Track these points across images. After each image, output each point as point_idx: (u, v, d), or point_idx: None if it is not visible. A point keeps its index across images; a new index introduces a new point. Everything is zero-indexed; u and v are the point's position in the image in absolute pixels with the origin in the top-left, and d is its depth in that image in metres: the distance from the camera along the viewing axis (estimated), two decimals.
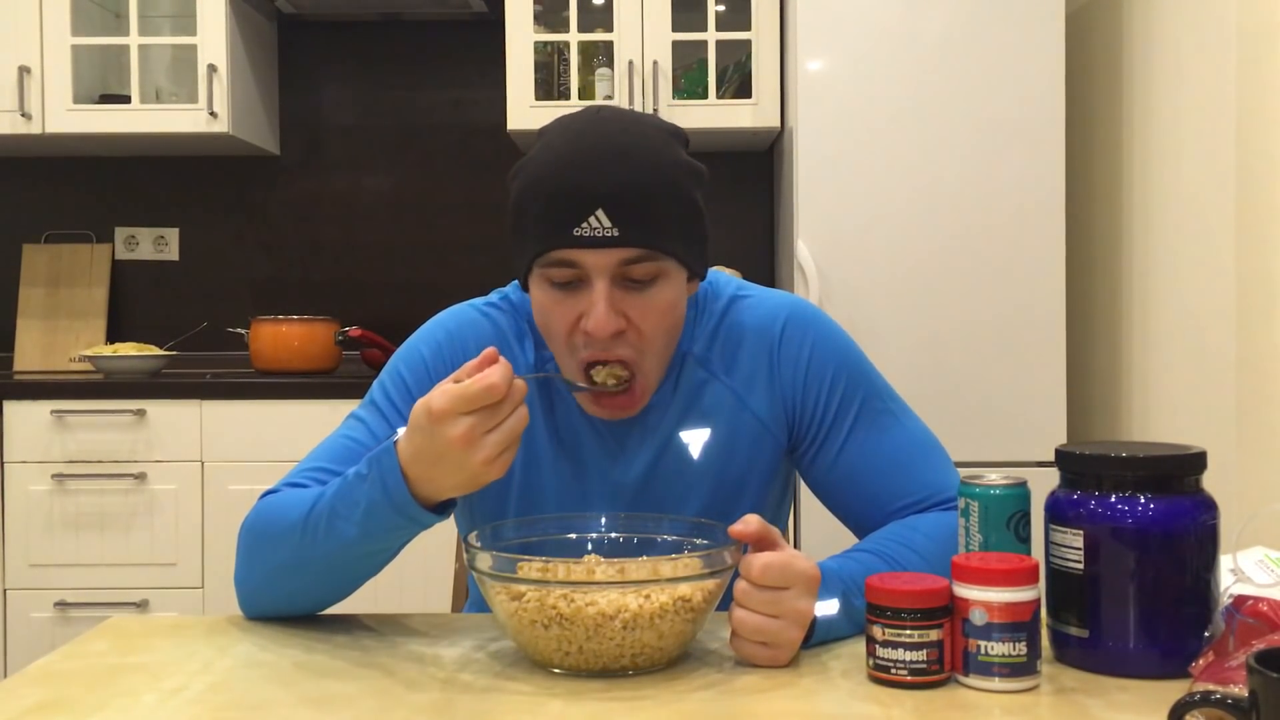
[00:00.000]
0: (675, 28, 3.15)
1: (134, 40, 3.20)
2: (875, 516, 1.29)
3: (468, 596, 1.55)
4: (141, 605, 2.93)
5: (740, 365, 1.30)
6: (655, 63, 3.12)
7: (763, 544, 1.04)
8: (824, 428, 1.30)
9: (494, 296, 1.36)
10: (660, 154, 1.15)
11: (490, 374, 1.00)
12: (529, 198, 1.15)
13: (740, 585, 1.03)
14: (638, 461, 1.29)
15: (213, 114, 3.16)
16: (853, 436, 1.29)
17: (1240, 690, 0.80)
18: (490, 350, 1.04)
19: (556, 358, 1.23)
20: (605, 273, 1.13)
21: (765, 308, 1.33)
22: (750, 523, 1.04)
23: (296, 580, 1.16)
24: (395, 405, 1.27)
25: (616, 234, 1.11)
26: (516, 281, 1.34)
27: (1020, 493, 1.06)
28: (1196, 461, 1.00)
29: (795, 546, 1.41)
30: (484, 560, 1.03)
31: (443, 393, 1.01)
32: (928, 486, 1.28)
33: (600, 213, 1.10)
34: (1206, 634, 0.97)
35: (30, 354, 3.48)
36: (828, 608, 1.07)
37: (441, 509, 1.08)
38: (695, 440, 1.29)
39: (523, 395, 1.03)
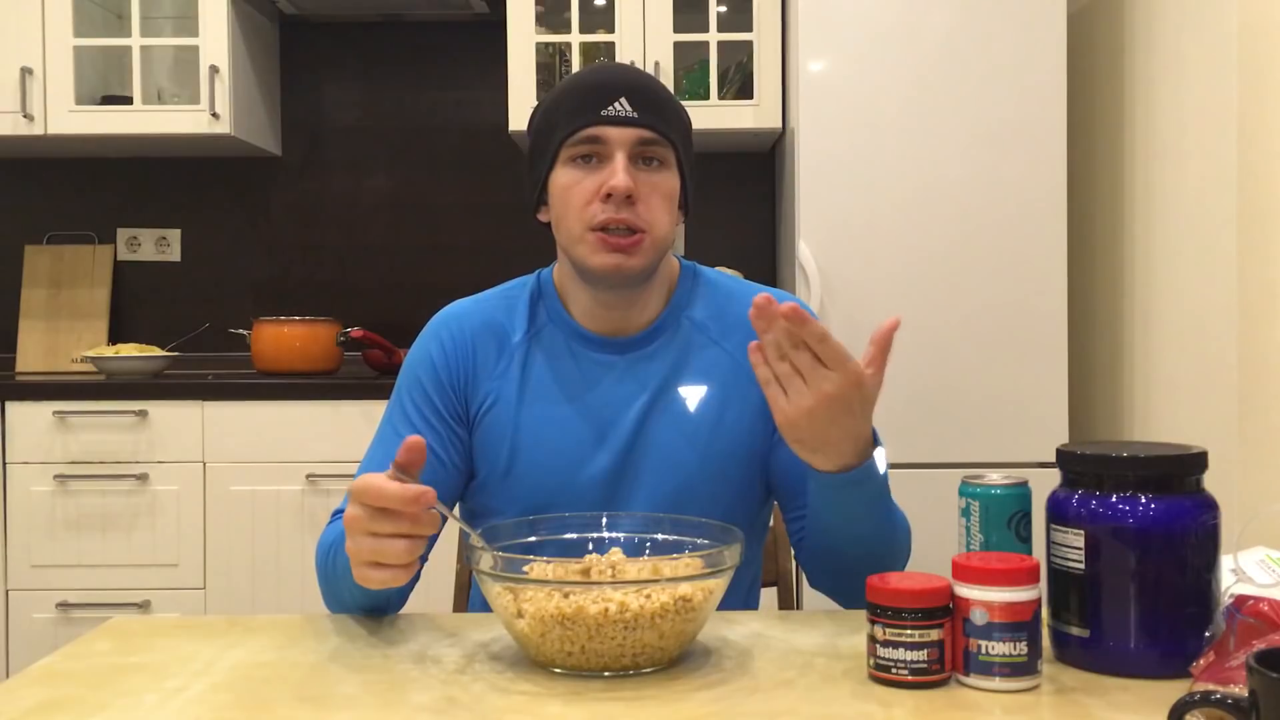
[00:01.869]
0: (677, 29, 3.15)
1: (136, 41, 3.20)
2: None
3: (469, 597, 1.56)
4: (143, 606, 2.93)
5: (739, 337, 1.40)
6: (657, 63, 3.13)
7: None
8: None
9: (478, 294, 1.49)
10: (663, 86, 1.40)
11: (388, 488, 1.00)
12: (560, 98, 1.36)
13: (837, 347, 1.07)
14: (633, 407, 1.37)
15: (214, 115, 3.16)
16: None
17: (1240, 690, 0.80)
18: (415, 440, 1.04)
19: (571, 242, 1.36)
20: (625, 146, 1.33)
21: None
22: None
23: (353, 597, 1.23)
24: (420, 409, 1.39)
25: (636, 116, 1.33)
26: (504, 284, 1.48)
27: (1021, 492, 1.06)
28: (1197, 461, 1.00)
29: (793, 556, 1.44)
30: (485, 560, 1.03)
31: (361, 481, 1.03)
32: None
33: (623, 99, 1.33)
34: (1207, 634, 0.97)
35: (32, 355, 3.49)
36: (881, 461, 1.19)
37: None
38: (693, 395, 1.38)
39: (412, 516, 1.01)
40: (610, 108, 1.32)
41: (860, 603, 1.11)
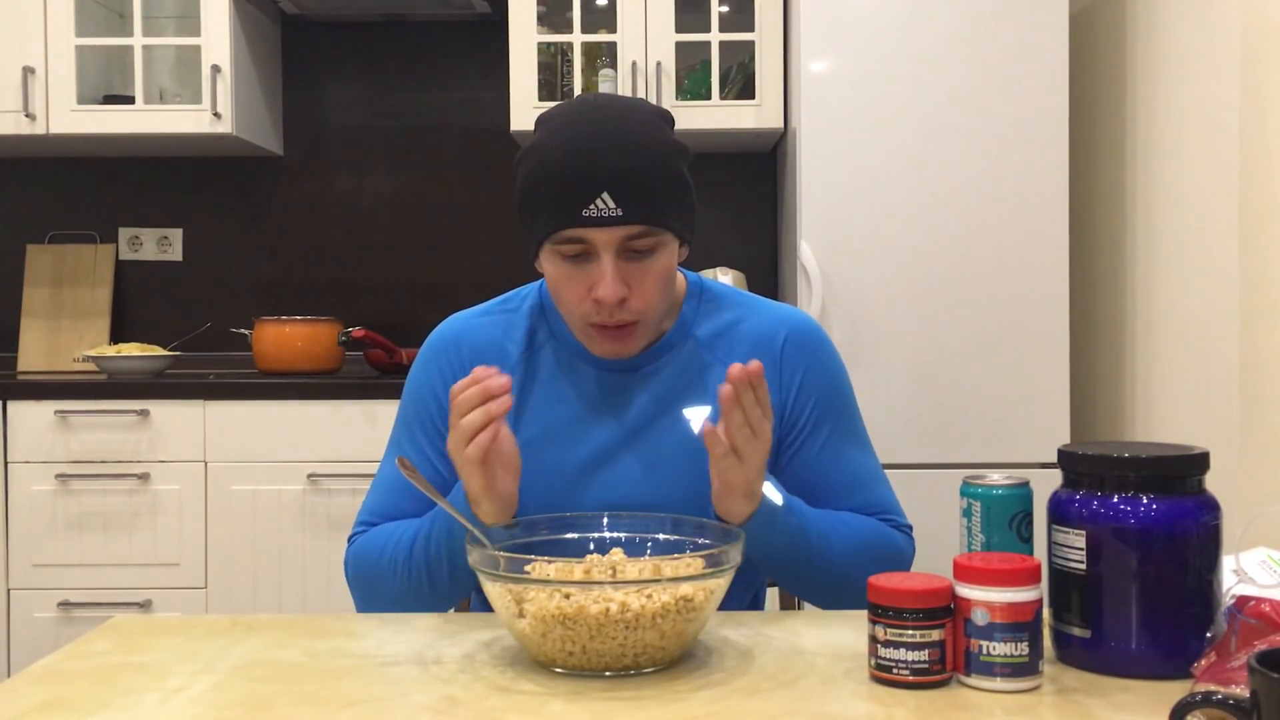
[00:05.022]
0: (678, 29, 3.15)
1: (138, 41, 3.20)
2: None
3: (471, 597, 1.56)
4: (144, 605, 2.93)
5: (742, 355, 1.39)
6: (659, 63, 3.13)
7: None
8: (798, 435, 1.39)
9: (481, 305, 1.48)
10: (651, 137, 1.27)
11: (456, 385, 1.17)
12: (538, 182, 1.27)
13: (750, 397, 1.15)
14: (635, 426, 1.36)
15: (216, 115, 3.16)
16: (813, 446, 1.39)
17: (1242, 691, 0.80)
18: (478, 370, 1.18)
19: (567, 321, 1.35)
20: (611, 247, 1.25)
21: (775, 314, 1.44)
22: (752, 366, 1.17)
23: (415, 600, 1.30)
24: (429, 434, 1.40)
25: (620, 214, 1.23)
26: (508, 294, 1.48)
27: (1023, 493, 1.06)
28: (1199, 462, 1.00)
29: None
30: (486, 560, 1.03)
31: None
32: (881, 505, 1.40)
33: (605, 195, 1.22)
34: (1208, 634, 0.97)
35: (34, 354, 3.49)
36: (774, 494, 1.24)
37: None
38: (697, 416, 1.36)
39: (472, 401, 1.15)
40: (592, 207, 1.22)
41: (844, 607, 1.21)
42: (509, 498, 1.22)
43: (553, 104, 3.22)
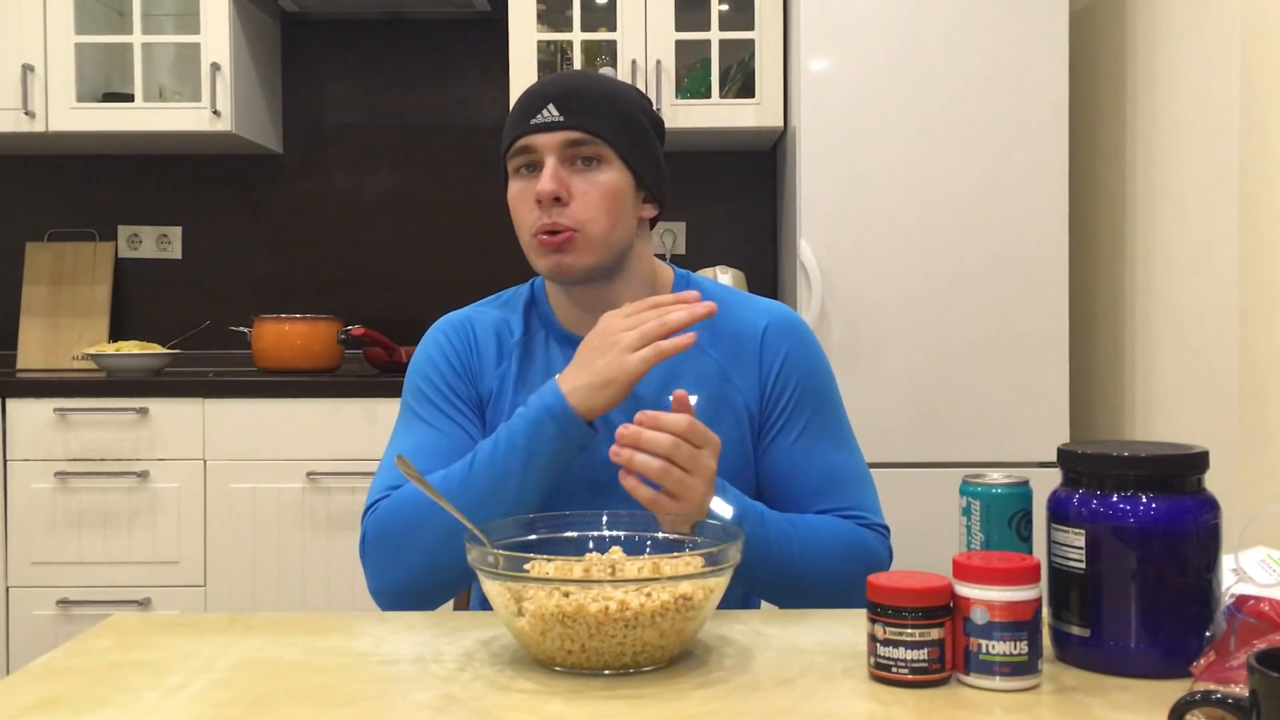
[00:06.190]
0: (678, 27, 3.15)
1: (137, 39, 3.20)
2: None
3: (470, 595, 1.56)
4: (143, 603, 2.93)
5: (727, 345, 1.41)
6: (658, 62, 3.12)
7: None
8: (775, 420, 1.40)
9: (475, 303, 1.52)
10: (611, 83, 1.41)
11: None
12: (508, 116, 1.40)
13: (667, 439, 1.15)
14: (620, 414, 1.35)
15: (216, 113, 3.16)
16: (789, 435, 1.40)
17: (1241, 690, 0.80)
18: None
19: (524, 250, 1.41)
20: (553, 150, 1.35)
21: (758, 306, 1.47)
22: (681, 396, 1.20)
23: (449, 554, 1.21)
24: (439, 401, 1.41)
25: (562, 119, 1.34)
26: (501, 292, 1.52)
27: (1022, 492, 1.06)
28: (1198, 461, 1.00)
29: None
30: (485, 558, 1.03)
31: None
32: (855, 504, 1.38)
33: (550, 106, 1.35)
34: (1208, 634, 0.97)
35: (33, 352, 3.49)
36: (723, 509, 1.22)
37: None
38: None
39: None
40: (539, 115, 1.35)
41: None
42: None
43: None
